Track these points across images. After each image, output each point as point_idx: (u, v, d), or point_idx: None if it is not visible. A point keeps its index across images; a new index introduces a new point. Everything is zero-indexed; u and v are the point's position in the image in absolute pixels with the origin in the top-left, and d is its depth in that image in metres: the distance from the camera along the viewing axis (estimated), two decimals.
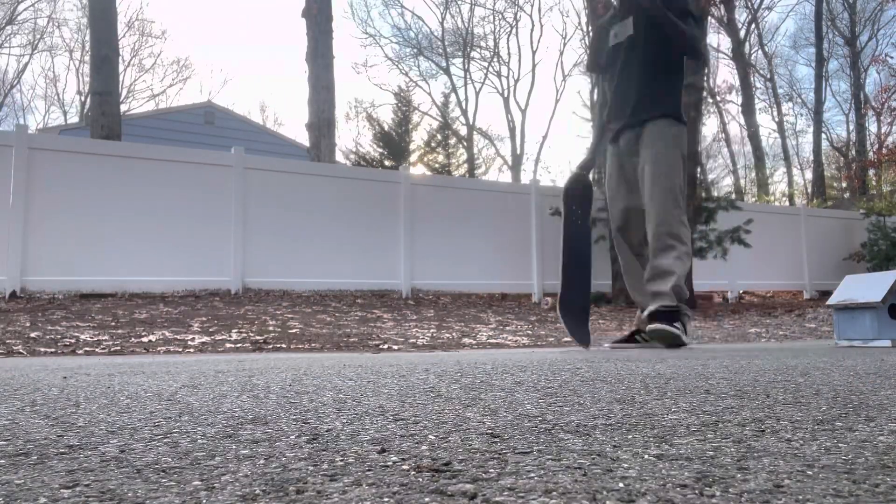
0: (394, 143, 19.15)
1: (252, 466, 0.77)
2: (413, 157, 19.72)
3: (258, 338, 4.53)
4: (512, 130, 28.17)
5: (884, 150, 17.02)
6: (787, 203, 22.95)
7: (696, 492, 0.64)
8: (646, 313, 3.45)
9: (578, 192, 3.72)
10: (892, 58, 24.59)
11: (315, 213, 7.79)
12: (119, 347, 3.96)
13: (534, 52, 38.39)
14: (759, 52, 28.02)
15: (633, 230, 3.71)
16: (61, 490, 0.67)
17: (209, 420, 1.12)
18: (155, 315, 5.55)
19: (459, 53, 28.65)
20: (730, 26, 24.13)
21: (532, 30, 55.51)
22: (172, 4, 44.32)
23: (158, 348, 4.00)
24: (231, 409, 1.25)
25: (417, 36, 28.88)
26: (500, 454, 0.82)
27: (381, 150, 19.23)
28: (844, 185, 23.49)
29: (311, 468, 0.76)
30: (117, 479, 0.72)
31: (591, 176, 3.92)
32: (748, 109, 24.63)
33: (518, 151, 28.11)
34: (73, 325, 4.94)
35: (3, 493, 0.66)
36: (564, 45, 40.89)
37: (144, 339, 4.33)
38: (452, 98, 27.71)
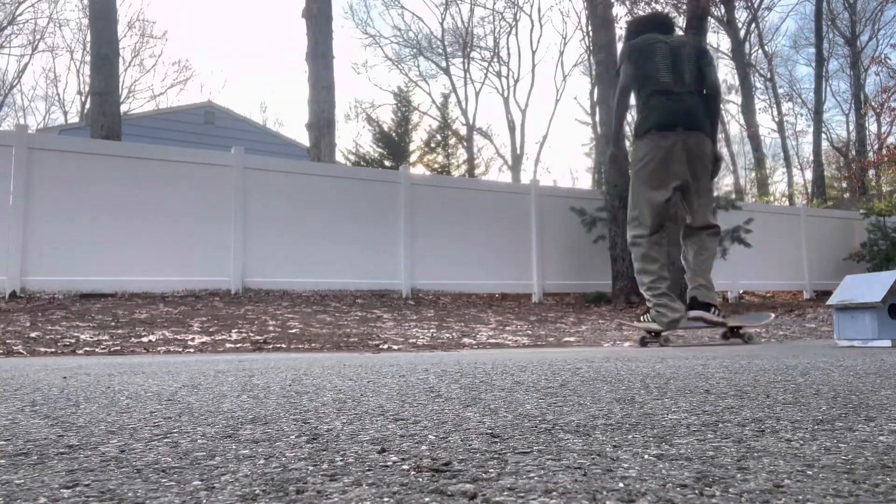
0: (393, 144, 19.13)
1: (252, 466, 0.77)
2: (413, 158, 19.70)
3: (258, 338, 4.53)
4: (512, 130, 28.18)
5: (884, 150, 17.01)
6: (787, 203, 22.95)
7: (696, 492, 0.64)
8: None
9: None
10: (891, 59, 24.58)
11: (315, 213, 7.79)
12: (119, 347, 3.96)
13: (534, 52, 38.44)
14: (759, 52, 28.03)
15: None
16: (61, 490, 0.67)
17: (209, 420, 1.12)
18: (155, 315, 5.55)
19: (459, 53, 28.65)
20: (730, 26, 24.11)
21: (532, 30, 55.58)
22: (173, 5, 44.28)
23: (158, 348, 4.00)
24: (231, 409, 1.25)
25: (417, 36, 28.90)
26: (500, 454, 0.82)
27: (380, 150, 19.21)
28: (844, 185, 23.48)
29: (311, 468, 0.76)
30: (117, 479, 0.72)
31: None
32: (748, 109, 24.61)
33: (518, 151, 28.11)
34: (73, 325, 4.94)
35: (3, 493, 0.66)
36: (564, 45, 40.86)
37: (144, 339, 4.33)
38: (452, 98, 27.74)
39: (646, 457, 0.80)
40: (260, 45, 51.80)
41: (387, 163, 18.13)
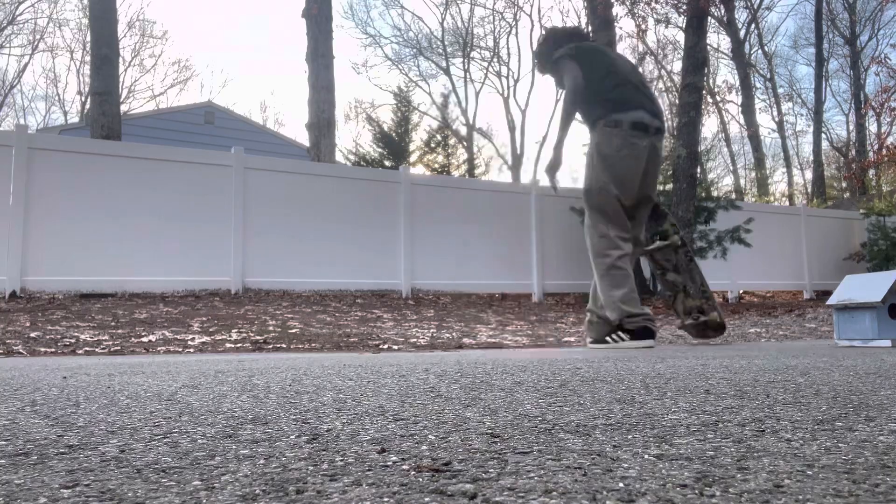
0: (393, 144, 19.13)
1: (252, 466, 0.77)
2: (413, 157, 19.70)
3: (258, 338, 4.53)
4: (512, 130, 28.16)
5: (884, 151, 17.01)
6: (787, 203, 22.95)
7: (696, 492, 0.64)
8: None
9: None
10: (891, 59, 24.57)
11: (315, 213, 7.78)
12: (119, 347, 3.96)
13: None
14: (759, 52, 28.04)
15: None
16: (61, 490, 0.67)
17: (209, 420, 1.12)
18: (155, 315, 5.55)
19: (459, 53, 28.65)
20: (730, 26, 24.12)
21: (532, 30, 55.46)
22: (173, 5, 44.27)
23: (158, 348, 4.00)
24: (231, 409, 1.25)
25: (417, 36, 28.90)
26: (500, 454, 0.82)
27: (380, 150, 19.21)
28: (844, 185, 23.49)
29: (311, 468, 0.76)
30: (117, 479, 0.72)
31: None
32: (748, 109, 24.63)
33: (518, 151, 28.09)
34: (73, 325, 4.94)
35: (3, 493, 0.66)
36: None
37: (144, 339, 4.33)
38: (452, 98, 27.77)
39: (646, 457, 0.80)
40: (260, 45, 51.81)
41: (387, 163, 18.12)
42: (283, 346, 4.28)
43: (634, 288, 3.60)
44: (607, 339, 3.60)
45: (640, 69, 3.95)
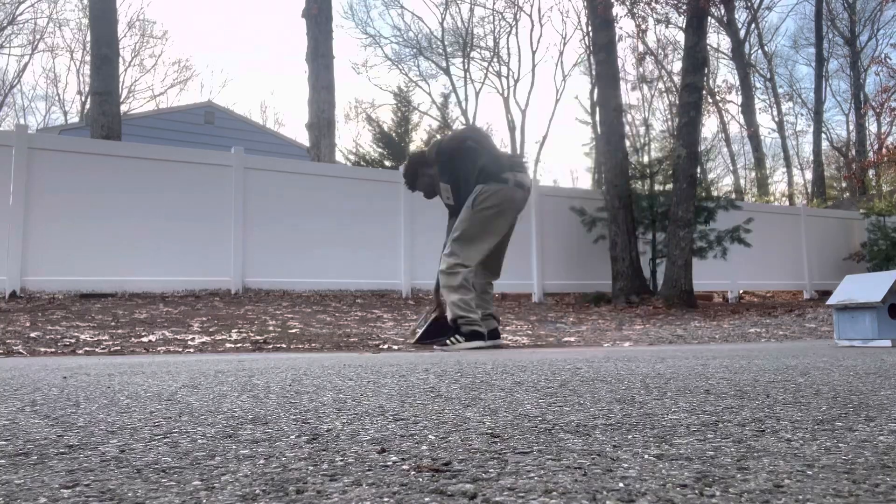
0: (393, 144, 19.11)
1: (252, 466, 0.77)
2: None
3: (258, 338, 4.53)
4: (512, 130, 28.15)
5: (884, 150, 17.00)
6: (787, 203, 22.94)
7: (696, 492, 0.64)
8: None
9: None
10: (891, 59, 24.56)
11: (315, 213, 7.78)
12: (119, 347, 3.96)
13: (534, 52, 38.30)
14: (759, 51, 28.03)
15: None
16: (61, 490, 0.67)
17: (209, 420, 1.12)
18: (155, 315, 5.55)
19: (459, 53, 28.63)
20: (730, 26, 24.12)
21: (532, 30, 55.52)
22: (173, 5, 44.23)
23: (158, 348, 4.00)
24: (231, 409, 1.25)
25: (417, 36, 28.89)
26: (500, 454, 0.82)
27: (380, 150, 19.19)
28: (844, 185, 23.49)
29: (311, 468, 0.76)
30: (117, 479, 0.72)
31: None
32: (748, 109, 24.61)
33: (518, 151, 28.07)
34: (73, 325, 4.94)
35: (3, 493, 0.66)
36: (564, 45, 40.86)
37: (144, 339, 4.32)
38: (452, 98, 27.76)
39: (646, 457, 0.80)
40: (260, 45, 51.79)
41: (387, 163, 18.10)
42: (283, 346, 4.28)
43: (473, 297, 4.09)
44: (447, 341, 3.94)
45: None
